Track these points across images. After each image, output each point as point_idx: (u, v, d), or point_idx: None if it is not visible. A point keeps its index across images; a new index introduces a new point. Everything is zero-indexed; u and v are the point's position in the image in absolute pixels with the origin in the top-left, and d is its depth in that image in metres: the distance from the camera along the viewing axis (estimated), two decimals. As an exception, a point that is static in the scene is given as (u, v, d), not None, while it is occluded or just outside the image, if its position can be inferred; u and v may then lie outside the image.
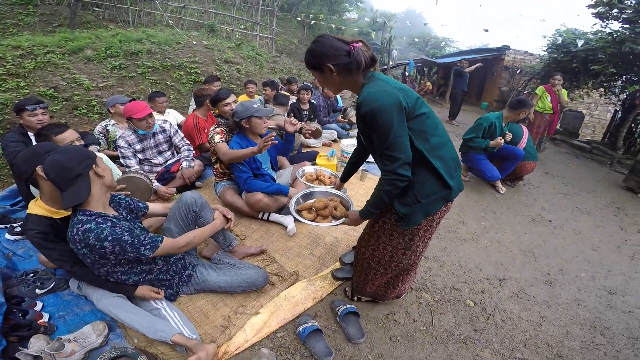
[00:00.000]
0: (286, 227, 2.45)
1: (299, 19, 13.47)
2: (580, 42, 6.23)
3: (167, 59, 6.41)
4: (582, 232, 3.12)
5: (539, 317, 1.97)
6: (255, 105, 2.39)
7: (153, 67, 6.09)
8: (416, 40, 24.44)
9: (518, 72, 10.99)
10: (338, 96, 5.69)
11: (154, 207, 1.81)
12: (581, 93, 7.46)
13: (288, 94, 4.79)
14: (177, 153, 3.11)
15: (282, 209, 2.62)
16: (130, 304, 1.52)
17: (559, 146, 7.10)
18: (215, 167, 2.68)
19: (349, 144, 4.01)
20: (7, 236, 2.21)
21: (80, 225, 1.28)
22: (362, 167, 3.68)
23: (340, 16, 16.67)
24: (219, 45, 8.11)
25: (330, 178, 2.38)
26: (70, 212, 1.50)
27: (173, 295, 1.70)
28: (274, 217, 2.55)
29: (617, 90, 6.70)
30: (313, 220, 1.83)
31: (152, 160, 2.88)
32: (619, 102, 7.35)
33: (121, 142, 2.66)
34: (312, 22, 13.65)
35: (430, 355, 1.63)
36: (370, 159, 4.20)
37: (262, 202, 2.39)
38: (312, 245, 2.34)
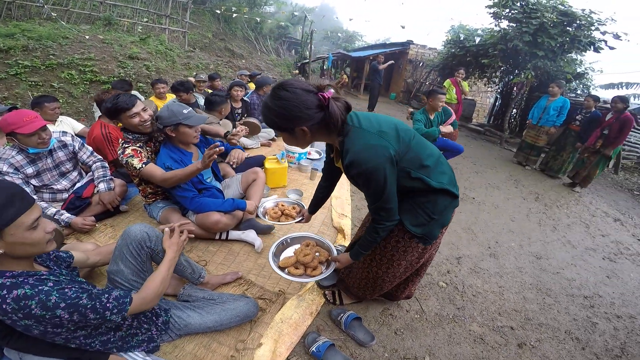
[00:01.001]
0: (253, 244, 2.27)
1: (218, 11, 12.59)
2: (477, 39, 7.52)
3: (51, 57, 5.46)
4: (499, 206, 3.84)
5: (498, 287, 2.36)
6: (185, 111, 2.02)
7: (32, 66, 5.15)
8: (329, 34, 25.58)
9: (420, 65, 12.61)
10: None
11: (80, 256, 1.43)
12: (469, 83, 9.16)
13: (222, 90, 4.42)
14: (86, 173, 2.52)
15: (240, 224, 2.42)
16: None
17: (460, 130, 8.61)
18: (141, 188, 2.26)
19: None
20: None
21: (4, 292, 0.93)
22: (311, 165, 3.78)
23: (259, 9, 16.39)
24: (120, 39, 7.20)
25: (295, 208, 2.09)
26: None
27: (155, 347, 1.41)
28: (234, 234, 2.33)
29: (497, 80, 8.49)
30: (305, 274, 1.68)
31: (54, 186, 2.24)
32: (498, 90, 9.26)
33: (3, 167, 1.95)
34: (234, 14, 12.97)
35: (435, 339, 1.80)
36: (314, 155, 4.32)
37: (221, 223, 2.14)
38: (287, 258, 2.21)
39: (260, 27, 16.53)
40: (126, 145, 2.01)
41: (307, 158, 4.12)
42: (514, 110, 8.52)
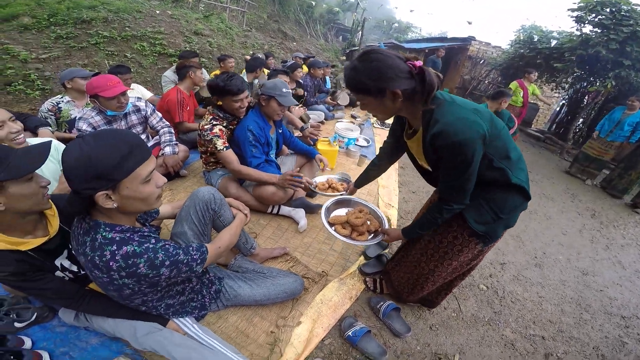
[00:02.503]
0: (297, 223, 2.32)
1: None
2: (553, 42, 6.95)
3: (126, 29, 5.73)
4: (551, 217, 3.59)
5: (538, 297, 2.27)
6: (284, 90, 2.16)
7: (110, 37, 5.38)
8: (384, 23, 24.61)
9: (481, 62, 11.86)
10: (327, 77, 5.55)
11: (164, 208, 1.52)
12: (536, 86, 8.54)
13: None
14: (152, 137, 2.67)
15: (291, 200, 2.47)
16: (179, 336, 1.27)
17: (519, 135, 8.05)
18: (204, 156, 2.38)
19: (344, 128, 3.94)
20: None
21: (114, 248, 0.93)
22: (359, 151, 3.74)
23: None
24: (186, 15, 7.44)
25: (342, 185, 2.12)
26: (43, 239, 1.12)
27: (202, 316, 1.48)
28: (285, 210, 2.38)
29: (566, 86, 7.69)
30: (350, 237, 1.69)
31: None
32: (565, 97, 8.53)
33: (83, 126, 2.12)
34: None
35: (468, 339, 1.78)
36: (363, 142, 4.28)
37: (277, 196, 2.19)
38: (330, 240, 2.26)
39: (311, 11, 16.31)
40: (215, 123, 2.12)
41: (356, 144, 4.09)
42: (581, 119, 7.85)
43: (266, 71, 4.78)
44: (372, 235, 1.74)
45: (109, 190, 0.91)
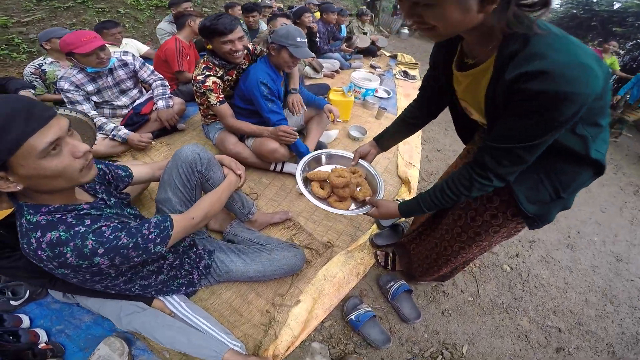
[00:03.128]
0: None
1: None
2: (616, 5, 6.24)
3: None
4: (591, 191, 3.23)
5: (564, 283, 2.06)
6: (298, 39, 1.86)
7: None
8: None
9: None
10: (343, 25, 5.02)
11: (139, 171, 1.27)
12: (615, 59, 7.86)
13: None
14: (147, 91, 2.45)
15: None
16: (163, 317, 1.16)
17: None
18: (202, 108, 2.11)
19: (361, 77, 3.53)
20: None
21: (38, 234, 0.77)
22: (378, 103, 3.39)
23: None
24: None
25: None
26: (6, 211, 0.97)
27: (192, 292, 1.36)
28: (290, 167, 2.18)
29: (622, 52, 6.89)
30: (325, 200, 1.35)
31: (114, 103, 2.20)
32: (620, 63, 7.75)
33: (65, 85, 1.94)
34: None
35: (481, 328, 1.62)
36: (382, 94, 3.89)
37: (278, 153, 1.98)
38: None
39: None
40: (208, 74, 1.85)
41: (374, 95, 3.70)
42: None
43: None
44: (359, 205, 1.37)
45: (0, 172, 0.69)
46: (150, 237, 0.92)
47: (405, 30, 9.92)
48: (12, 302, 1.26)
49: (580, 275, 2.16)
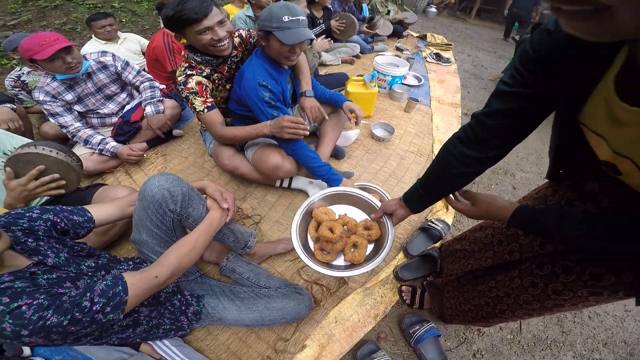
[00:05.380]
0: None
1: None
2: None
3: None
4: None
5: (623, 311, 1.82)
6: (285, 18, 1.43)
7: None
8: None
9: None
10: (364, 4, 4.57)
11: (103, 212, 1.10)
12: None
13: None
14: (139, 94, 2.25)
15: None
16: None
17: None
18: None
19: (386, 63, 3.08)
20: None
21: None
22: (407, 93, 2.97)
23: None
24: None
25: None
26: None
27: (184, 335, 1.24)
28: (299, 183, 1.91)
29: None
30: (325, 265, 1.15)
31: (101, 111, 2.03)
32: None
33: (40, 96, 1.79)
34: None
35: None
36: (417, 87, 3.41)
37: (282, 170, 1.70)
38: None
39: None
40: (190, 73, 1.53)
41: (403, 84, 3.21)
42: None
43: None
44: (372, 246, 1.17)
45: None
46: (94, 308, 0.77)
47: (433, 9, 8.95)
48: None
49: None
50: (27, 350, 1.17)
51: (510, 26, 7.21)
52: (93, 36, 2.86)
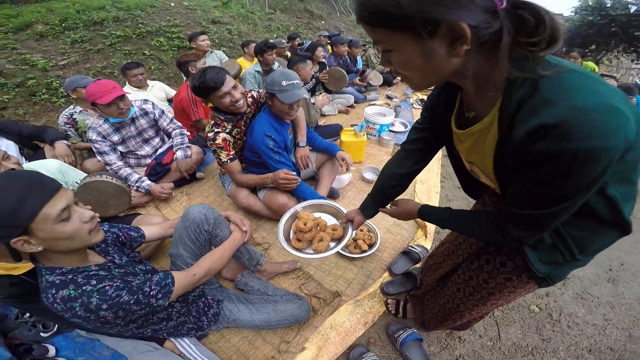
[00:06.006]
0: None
1: None
2: (633, 8, 5.99)
3: (140, 25, 5.75)
4: (636, 217, 3.01)
5: (603, 320, 1.94)
6: (284, 83, 1.87)
7: (124, 35, 5.46)
8: None
9: None
10: (358, 57, 5.13)
11: (151, 231, 1.47)
12: (611, 57, 7.47)
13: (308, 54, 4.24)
14: (168, 138, 2.70)
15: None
16: (172, 356, 1.34)
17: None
18: (217, 156, 2.26)
19: (375, 113, 3.52)
20: None
21: (54, 291, 0.95)
22: (394, 139, 3.35)
23: None
24: (203, 5, 7.46)
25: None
26: (31, 266, 1.20)
27: (202, 336, 1.50)
28: None
29: None
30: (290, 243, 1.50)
31: (138, 152, 2.47)
32: None
33: (92, 135, 2.19)
34: None
35: None
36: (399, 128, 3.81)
37: (288, 207, 2.01)
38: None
39: None
40: (217, 130, 1.96)
41: (391, 131, 3.63)
42: None
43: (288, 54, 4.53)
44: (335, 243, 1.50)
45: (22, 236, 0.87)
46: (151, 293, 1.08)
47: None
48: (42, 334, 1.51)
49: (624, 309, 2.03)
50: (52, 351, 1.44)
51: None
52: (127, 83, 3.25)
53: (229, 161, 1.99)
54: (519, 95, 0.61)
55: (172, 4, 6.89)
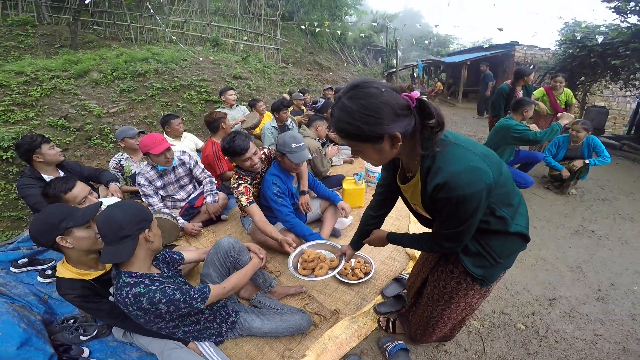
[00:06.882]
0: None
1: (302, 27, 13.37)
2: (600, 38, 6.31)
3: (175, 79, 6.35)
4: (628, 242, 3.11)
5: (593, 335, 2.03)
6: (293, 145, 2.33)
7: (162, 88, 6.03)
8: (415, 41, 24.19)
9: (530, 67, 11.24)
10: None
11: (189, 255, 1.91)
12: (600, 87, 7.67)
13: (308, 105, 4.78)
14: (199, 185, 3.21)
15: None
16: (194, 355, 1.65)
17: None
18: (238, 202, 2.65)
19: None
20: (40, 279, 2.34)
21: (128, 289, 1.34)
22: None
23: (341, 21, 16.45)
24: (226, 59, 8.21)
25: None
26: (101, 272, 1.66)
27: (220, 342, 1.82)
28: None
29: (637, 83, 6.76)
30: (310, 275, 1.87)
31: (175, 196, 2.98)
32: (638, 95, 7.46)
33: (141, 180, 2.69)
34: (317, 29, 13.50)
35: None
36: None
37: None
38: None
39: (344, 38, 16.43)
40: (240, 182, 2.40)
41: None
42: None
43: (304, 109, 5.08)
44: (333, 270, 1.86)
45: (148, 230, 1.43)
46: (194, 296, 1.47)
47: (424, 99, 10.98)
48: (81, 337, 1.84)
49: (615, 325, 2.11)
50: (86, 352, 1.77)
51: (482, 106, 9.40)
52: (164, 133, 3.63)
53: (248, 204, 2.36)
54: (427, 164, 1.02)
55: (201, 59, 7.51)
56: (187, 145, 3.86)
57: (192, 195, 3.11)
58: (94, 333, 1.87)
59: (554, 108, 4.87)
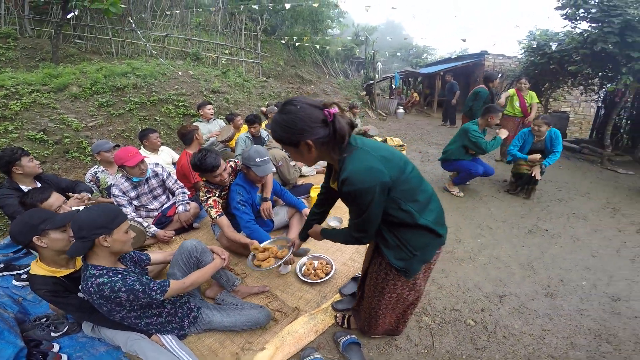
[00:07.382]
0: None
1: (282, 41, 13.56)
2: (554, 45, 6.68)
3: (153, 93, 6.44)
4: (580, 239, 3.32)
5: (541, 330, 2.12)
6: (257, 159, 2.51)
7: (140, 102, 6.12)
8: (398, 54, 24.82)
9: (499, 75, 11.73)
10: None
11: (155, 256, 2.05)
12: (563, 92, 8.17)
13: None
14: (172, 196, 3.32)
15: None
16: (156, 346, 1.76)
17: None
18: (208, 212, 2.81)
19: None
20: (15, 283, 2.46)
21: (93, 279, 1.50)
22: None
23: (323, 35, 16.67)
24: (205, 74, 8.30)
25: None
26: (71, 270, 1.79)
27: (183, 335, 1.92)
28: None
29: (596, 88, 7.25)
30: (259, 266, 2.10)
31: (148, 206, 3.09)
32: (599, 99, 7.99)
33: (115, 191, 2.84)
34: (297, 43, 13.76)
35: None
36: None
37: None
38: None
39: (326, 51, 16.72)
40: (209, 195, 2.58)
41: None
42: (626, 121, 7.21)
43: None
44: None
45: (107, 235, 1.55)
46: (153, 288, 1.61)
47: (401, 110, 11.77)
48: (52, 334, 1.95)
49: (563, 320, 2.19)
50: (56, 347, 1.86)
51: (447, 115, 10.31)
52: (141, 147, 3.72)
53: (218, 217, 2.55)
54: (340, 165, 1.24)
55: (180, 73, 7.55)
56: (163, 159, 3.95)
57: (165, 206, 3.22)
58: (65, 330, 1.97)
59: (523, 110, 5.25)
